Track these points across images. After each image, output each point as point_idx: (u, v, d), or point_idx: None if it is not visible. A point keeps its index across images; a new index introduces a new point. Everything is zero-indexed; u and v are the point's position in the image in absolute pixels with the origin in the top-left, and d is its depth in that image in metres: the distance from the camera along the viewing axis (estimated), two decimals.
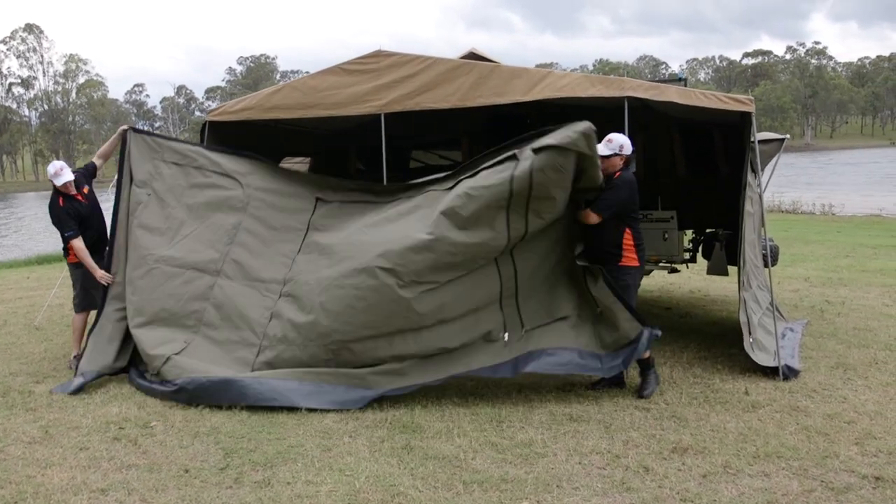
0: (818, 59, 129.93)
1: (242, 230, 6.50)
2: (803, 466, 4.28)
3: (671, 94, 5.97)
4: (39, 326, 8.83)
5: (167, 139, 7.25)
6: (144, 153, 6.98)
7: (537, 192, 5.40)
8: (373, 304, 5.50)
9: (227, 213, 6.62)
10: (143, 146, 7.01)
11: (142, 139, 7.08)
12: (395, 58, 6.63)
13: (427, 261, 5.45)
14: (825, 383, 5.82)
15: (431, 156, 10.43)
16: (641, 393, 5.60)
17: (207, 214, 6.67)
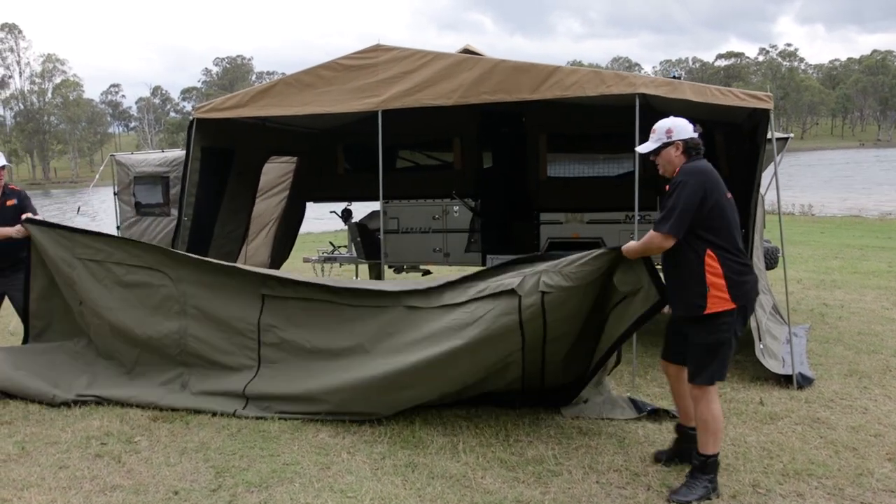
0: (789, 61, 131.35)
1: (190, 337, 5.50)
2: (838, 485, 4.01)
3: (686, 91, 5.70)
4: (14, 332, 8.36)
5: (75, 232, 5.84)
6: (55, 249, 5.72)
7: (553, 330, 4.80)
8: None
9: (166, 317, 5.54)
10: (50, 241, 5.73)
11: (46, 233, 5.75)
12: (394, 52, 6.31)
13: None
14: (841, 392, 5.58)
15: (419, 156, 10.12)
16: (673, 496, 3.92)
17: (144, 321, 5.59)
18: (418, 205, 9.02)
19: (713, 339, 3.84)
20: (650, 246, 4.00)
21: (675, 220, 3.78)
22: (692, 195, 3.77)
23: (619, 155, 8.92)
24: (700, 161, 3.97)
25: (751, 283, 3.93)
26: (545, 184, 9.00)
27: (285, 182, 9.52)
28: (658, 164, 4.10)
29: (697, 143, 4.01)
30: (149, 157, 8.35)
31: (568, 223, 8.53)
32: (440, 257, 9.00)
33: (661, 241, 3.87)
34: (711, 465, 3.92)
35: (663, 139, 4.03)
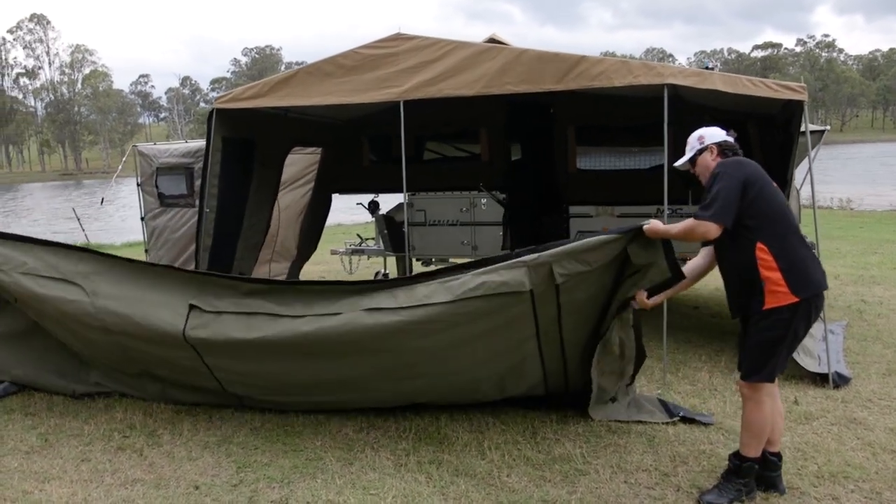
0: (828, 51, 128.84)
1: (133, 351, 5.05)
2: (875, 489, 3.89)
3: (716, 82, 5.56)
4: None
5: None
6: None
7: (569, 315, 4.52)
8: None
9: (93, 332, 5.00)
10: None
11: None
12: (415, 41, 6.24)
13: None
14: (880, 392, 5.42)
15: (446, 147, 10.05)
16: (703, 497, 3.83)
17: (75, 334, 5.22)
18: (445, 197, 8.96)
19: (769, 335, 3.61)
20: (692, 232, 3.67)
21: (719, 206, 3.54)
22: (731, 180, 3.58)
23: (651, 147, 8.76)
24: (737, 158, 3.83)
25: (815, 273, 3.65)
26: (574, 176, 8.89)
27: (311, 173, 9.51)
28: (698, 175, 3.95)
29: (732, 144, 3.89)
30: (171, 148, 8.37)
31: (598, 217, 8.42)
32: (468, 250, 8.93)
33: (704, 227, 3.58)
34: (747, 469, 3.77)
35: (696, 147, 3.93)
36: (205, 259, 7.21)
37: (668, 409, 5.01)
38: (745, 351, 3.76)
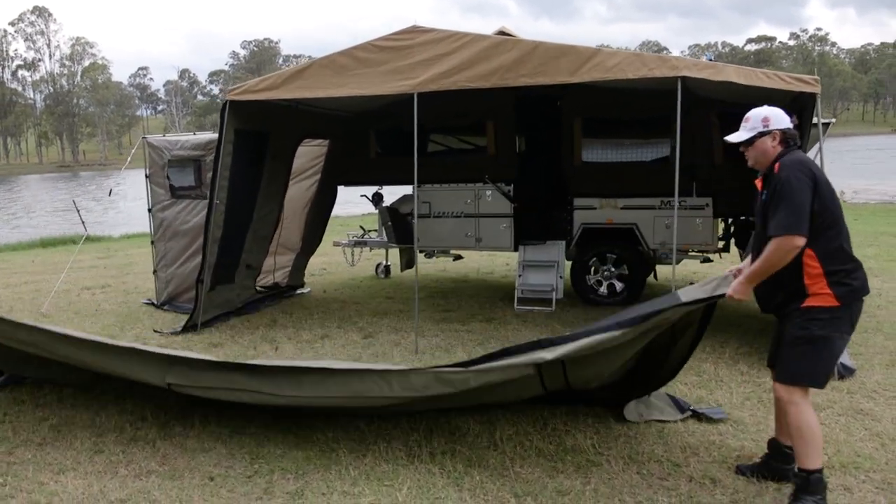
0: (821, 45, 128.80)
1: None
2: (886, 480, 3.88)
3: (730, 74, 5.53)
4: (47, 313, 8.45)
5: None
6: None
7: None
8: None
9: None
10: None
11: None
12: (430, 34, 6.20)
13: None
14: (884, 383, 5.42)
15: (452, 140, 9.99)
16: None
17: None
18: (451, 189, 8.92)
19: (807, 333, 3.43)
20: (780, 256, 3.37)
21: (799, 217, 3.31)
22: (805, 188, 3.36)
23: (654, 140, 8.73)
24: (798, 152, 3.58)
25: (859, 281, 3.49)
26: (580, 169, 8.85)
27: (317, 165, 9.45)
28: (748, 156, 3.70)
29: (795, 133, 3.64)
30: (182, 140, 8.30)
31: (602, 209, 8.40)
32: (472, 242, 8.91)
33: (792, 243, 3.32)
34: (816, 481, 3.44)
35: (759, 128, 3.62)
36: (213, 251, 7.19)
37: (679, 405, 4.94)
38: (784, 353, 3.54)
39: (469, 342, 6.91)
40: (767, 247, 3.41)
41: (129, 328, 7.66)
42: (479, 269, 11.35)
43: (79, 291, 9.86)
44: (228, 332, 7.30)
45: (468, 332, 7.32)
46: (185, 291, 8.22)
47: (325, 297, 9.24)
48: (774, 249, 3.38)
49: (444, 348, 6.72)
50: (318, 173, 9.52)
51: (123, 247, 14.97)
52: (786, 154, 3.57)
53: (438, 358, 6.39)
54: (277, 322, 7.75)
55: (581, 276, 8.56)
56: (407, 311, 8.29)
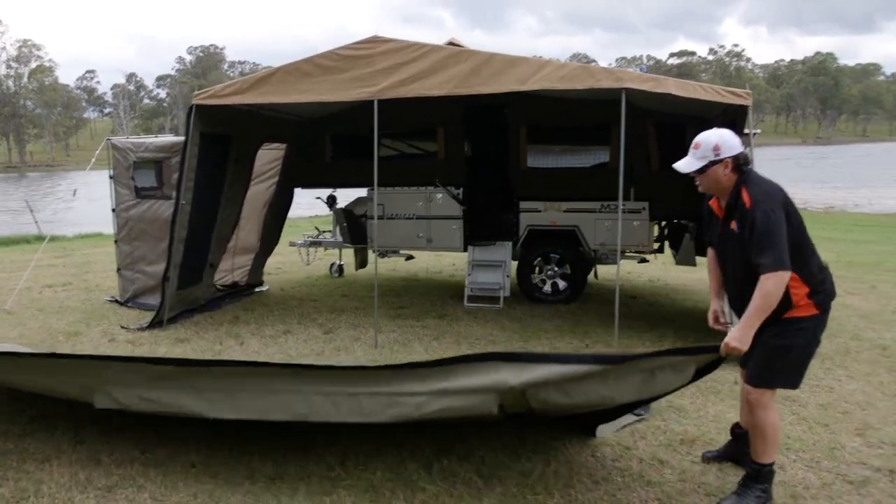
0: (737, 60, 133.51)
1: None
2: (814, 458, 4.15)
3: (670, 86, 5.78)
4: (11, 310, 8.19)
5: None
6: None
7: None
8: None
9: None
10: None
11: None
12: (390, 44, 6.28)
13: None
14: (808, 373, 5.64)
15: (403, 145, 10.08)
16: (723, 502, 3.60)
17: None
18: (403, 192, 9.01)
19: (784, 342, 3.43)
20: (777, 291, 3.23)
21: (781, 252, 3.22)
22: (779, 220, 3.25)
23: (594, 147, 9.04)
24: (760, 181, 3.44)
25: (830, 286, 3.52)
26: (525, 173, 9.06)
27: (274, 168, 9.41)
28: (699, 182, 3.56)
29: (746, 155, 3.51)
30: (146, 142, 8.16)
31: (546, 211, 8.60)
32: (424, 243, 9.01)
33: (781, 279, 3.22)
34: (766, 474, 3.55)
35: (710, 157, 3.45)
36: (179, 250, 7.12)
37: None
38: (759, 357, 3.45)
39: (425, 337, 7.01)
40: (761, 285, 3.24)
41: (95, 324, 7.50)
42: (428, 268, 11.46)
43: (40, 289, 9.56)
44: (193, 329, 7.22)
45: (423, 327, 7.42)
46: (151, 289, 8.08)
47: (284, 294, 9.21)
48: (772, 287, 3.23)
49: (401, 342, 6.80)
50: (276, 176, 9.47)
51: (79, 247, 14.52)
52: (748, 181, 3.43)
53: (396, 351, 6.48)
54: (240, 319, 7.71)
55: (526, 275, 8.74)
56: (363, 308, 8.34)
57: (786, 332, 3.42)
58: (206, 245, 7.67)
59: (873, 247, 13.84)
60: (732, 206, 3.47)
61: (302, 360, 3.96)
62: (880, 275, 10.46)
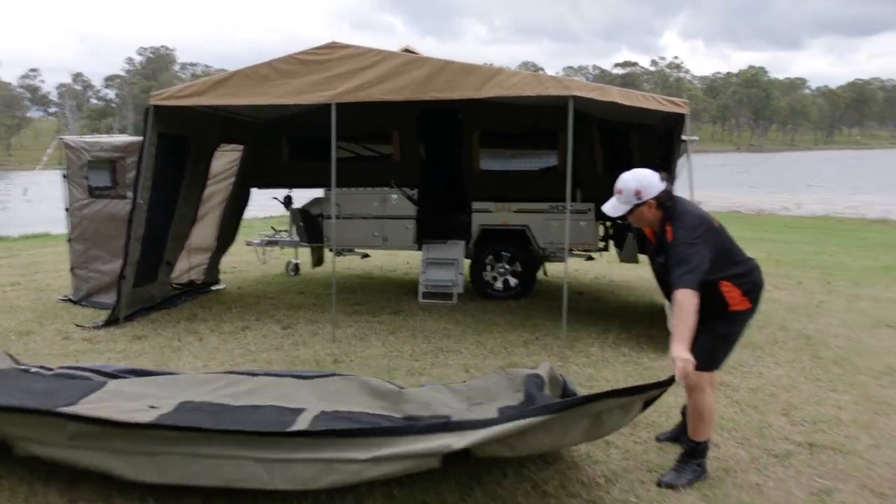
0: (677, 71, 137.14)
1: None
2: (745, 436, 4.41)
3: (614, 95, 6.01)
4: None
5: None
6: None
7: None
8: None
9: None
10: None
11: None
12: (348, 50, 6.37)
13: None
14: (740, 361, 6.05)
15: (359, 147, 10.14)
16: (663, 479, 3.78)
17: None
18: (359, 193, 9.08)
19: (725, 330, 3.73)
20: (690, 306, 3.38)
21: (694, 275, 3.42)
22: (703, 249, 3.50)
23: (543, 151, 9.28)
24: (686, 216, 3.62)
25: (759, 280, 3.80)
26: (477, 176, 9.24)
27: (231, 169, 9.36)
28: (630, 220, 3.80)
29: (669, 190, 3.69)
30: (101, 142, 8.03)
31: (498, 212, 8.77)
32: (379, 241, 9.10)
33: (693, 299, 3.39)
34: (702, 450, 3.82)
35: (633, 201, 3.66)
36: (136, 248, 7.06)
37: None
38: (702, 345, 3.58)
39: (381, 332, 7.10)
40: (676, 303, 3.43)
41: (48, 323, 7.33)
42: (383, 267, 11.54)
43: None
44: (150, 326, 7.15)
45: (379, 322, 7.50)
46: (106, 288, 7.96)
47: (241, 292, 9.17)
48: (686, 303, 3.39)
49: (358, 337, 6.88)
50: (233, 176, 9.43)
51: (26, 247, 14.08)
52: (673, 217, 3.62)
53: (354, 346, 6.54)
54: (198, 316, 7.65)
55: (479, 273, 8.90)
56: (320, 304, 8.38)
57: (726, 323, 3.73)
58: (162, 243, 7.60)
59: (800, 247, 14.48)
60: (660, 240, 3.72)
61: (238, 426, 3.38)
62: (806, 272, 10.99)
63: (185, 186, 7.73)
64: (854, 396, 5.18)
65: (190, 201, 8.00)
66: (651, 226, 3.80)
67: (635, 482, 3.76)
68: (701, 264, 3.48)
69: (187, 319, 7.49)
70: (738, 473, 3.88)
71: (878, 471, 3.94)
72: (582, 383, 5.42)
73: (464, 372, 5.74)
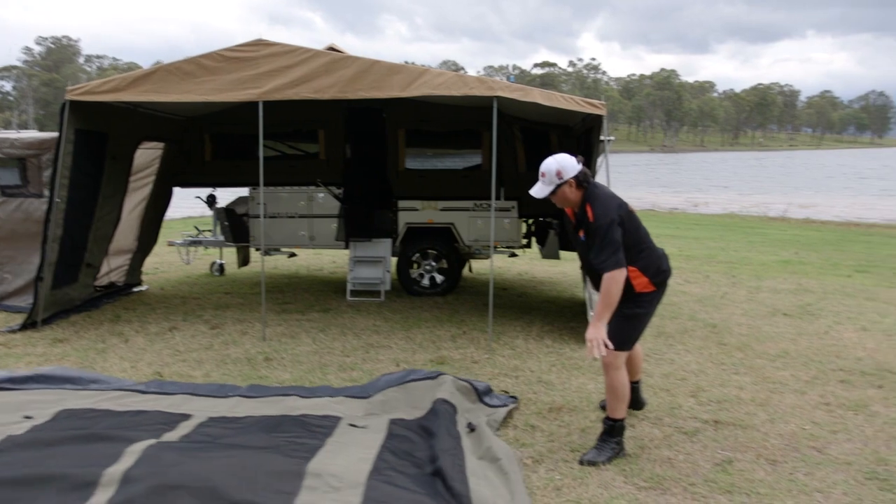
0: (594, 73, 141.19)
1: None
2: (658, 416, 4.76)
3: (536, 96, 6.28)
4: None
5: None
6: None
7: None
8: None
9: None
10: None
11: None
12: (275, 48, 6.40)
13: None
14: (654, 349, 6.46)
15: (283, 146, 10.13)
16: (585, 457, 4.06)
17: None
18: (286, 191, 9.09)
19: (631, 311, 4.02)
20: (617, 287, 3.80)
21: (618, 254, 3.81)
22: (615, 228, 3.85)
23: (467, 150, 9.52)
24: (604, 198, 3.98)
25: (666, 267, 4.15)
26: (403, 174, 9.39)
27: (153, 167, 9.16)
28: (554, 200, 4.11)
29: (586, 172, 4.05)
30: (10, 138, 7.72)
31: (423, 210, 8.96)
32: (306, 240, 9.14)
33: (619, 276, 3.80)
34: (619, 428, 4.10)
35: (556, 181, 4.00)
36: (54, 248, 6.87)
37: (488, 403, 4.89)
38: (613, 326, 3.90)
39: (311, 329, 7.17)
40: (604, 283, 3.81)
41: None
42: (309, 266, 11.55)
43: None
44: (71, 329, 6.96)
45: (308, 320, 7.57)
46: (20, 291, 7.68)
47: (165, 293, 9.02)
48: (612, 284, 3.79)
49: (289, 335, 6.93)
50: (154, 175, 9.25)
51: None
52: (591, 197, 3.98)
53: (285, 343, 6.60)
54: (121, 317, 7.50)
55: (405, 270, 9.07)
56: (247, 304, 8.36)
57: (632, 305, 4.04)
58: (82, 244, 7.41)
59: (709, 243, 15.33)
60: (580, 219, 4.07)
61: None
62: (713, 266, 11.70)
63: (105, 185, 7.56)
64: (753, 378, 5.65)
65: (111, 201, 7.82)
66: (573, 206, 4.12)
67: (560, 462, 4.03)
68: (619, 244, 3.85)
69: (111, 321, 7.34)
70: (651, 449, 4.21)
71: (773, 441, 4.36)
72: (508, 374, 5.70)
73: (394, 366, 5.90)
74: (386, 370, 5.77)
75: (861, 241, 16.50)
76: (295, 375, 5.61)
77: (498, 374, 5.70)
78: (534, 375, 5.67)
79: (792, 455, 4.17)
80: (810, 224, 21.48)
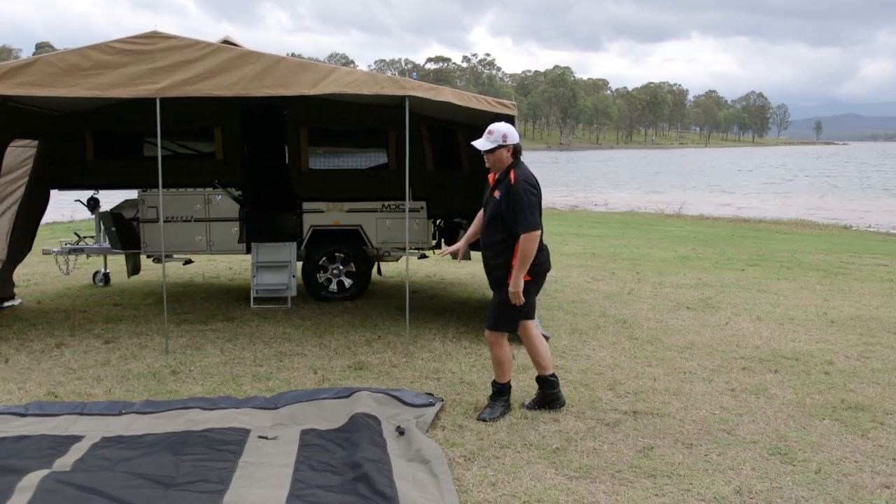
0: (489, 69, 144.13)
1: None
2: (580, 410, 5.09)
3: (448, 95, 6.50)
4: None
5: None
6: None
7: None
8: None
9: None
10: None
11: None
12: (172, 41, 6.29)
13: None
14: (570, 346, 6.83)
15: (173, 145, 9.88)
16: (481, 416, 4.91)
17: None
18: (179, 194, 8.88)
19: (505, 298, 4.78)
20: (532, 245, 4.61)
21: (535, 217, 4.64)
22: (535, 197, 4.68)
23: (372, 149, 9.62)
24: (527, 171, 4.79)
25: (546, 261, 4.91)
26: (306, 175, 9.38)
27: (25, 168, 8.71)
28: (487, 160, 4.84)
29: (520, 147, 4.88)
30: None
31: (329, 212, 9.00)
32: (203, 245, 8.97)
33: (534, 236, 4.62)
34: (506, 389, 5.04)
35: (500, 141, 4.75)
36: None
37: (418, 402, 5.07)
38: (494, 310, 4.91)
39: (217, 339, 7.08)
40: (521, 243, 4.61)
41: None
42: (204, 273, 11.30)
43: None
44: None
45: (213, 330, 7.46)
46: None
47: (43, 307, 8.60)
48: (529, 244, 4.61)
49: (194, 346, 6.81)
50: (27, 176, 8.80)
51: None
52: (517, 165, 4.79)
53: (190, 356, 6.49)
54: None
55: (312, 275, 9.07)
56: (142, 315, 8.13)
57: (506, 291, 4.74)
58: None
59: (611, 240, 16.15)
60: (500, 180, 4.79)
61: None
62: (618, 263, 12.38)
63: None
64: (665, 369, 6.11)
65: None
66: (498, 171, 4.82)
67: (491, 458, 4.26)
68: (535, 207, 4.65)
69: None
70: (578, 441, 4.52)
71: (688, 427, 4.80)
72: (430, 376, 5.89)
73: (312, 373, 5.97)
74: (304, 378, 5.82)
75: (751, 236, 17.87)
76: (207, 388, 5.57)
77: (419, 377, 5.88)
78: (455, 377, 5.89)
79: (705, 438, 4.60)
80: (704, 220, 22.98)
